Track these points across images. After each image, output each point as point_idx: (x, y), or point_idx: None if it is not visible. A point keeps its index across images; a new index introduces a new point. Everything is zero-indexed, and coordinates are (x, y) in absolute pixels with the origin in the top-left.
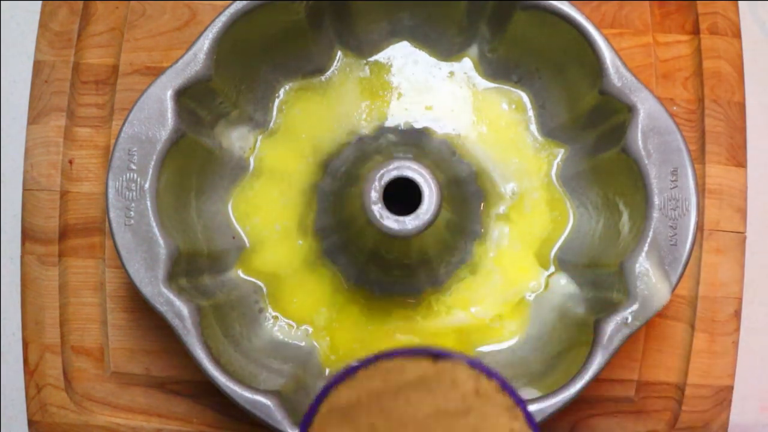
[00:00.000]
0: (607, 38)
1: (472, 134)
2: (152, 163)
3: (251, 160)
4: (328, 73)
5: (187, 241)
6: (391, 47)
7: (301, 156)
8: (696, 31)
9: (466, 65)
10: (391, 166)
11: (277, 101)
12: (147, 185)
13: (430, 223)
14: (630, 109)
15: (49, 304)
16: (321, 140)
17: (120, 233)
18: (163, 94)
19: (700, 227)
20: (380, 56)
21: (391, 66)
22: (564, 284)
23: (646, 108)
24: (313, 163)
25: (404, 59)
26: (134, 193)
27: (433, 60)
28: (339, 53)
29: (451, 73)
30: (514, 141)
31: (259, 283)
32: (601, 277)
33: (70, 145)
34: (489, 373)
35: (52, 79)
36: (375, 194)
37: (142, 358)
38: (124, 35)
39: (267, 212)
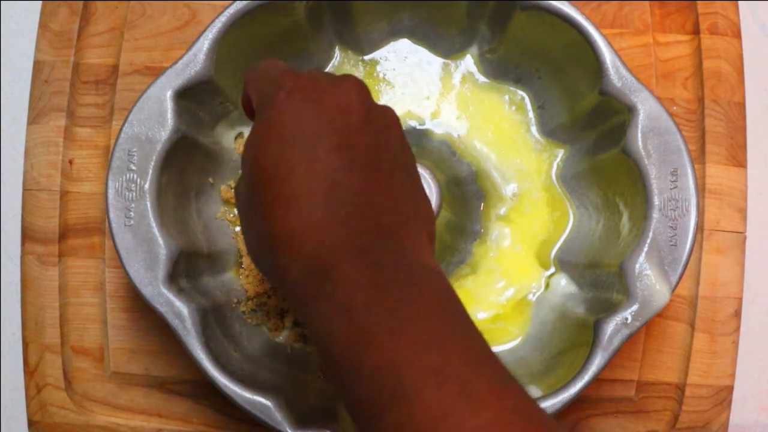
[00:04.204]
0: (607, 38)
1: (471, 134)
2: (152, 163)
3: None
4: (327, 71)
5: (187, 241)
6: (391, 45)
7: None
8: (696, 31)
9: (466, 65)
10: None
11: None
12: (147, 185)
13: None
14: (630, 110)
15: (49, 304)
16: None
17: (120, 233)
18: (162, 95)
19: (700, 227)
20: (380, 55)
21: (391, 65)
22: (564, 285)
23: (646, 108)
24: None
25: (404, 58)
26: (134, 194)
27: (433, 59)
28: (338, 52)
29: (451, 73)
30: (514, 141)
31: None
32: (601, 278)
33: (70, 145)
34: None
35: (52, 79)
36: None
37: (142, 358)
38: (124, 35)
39: None
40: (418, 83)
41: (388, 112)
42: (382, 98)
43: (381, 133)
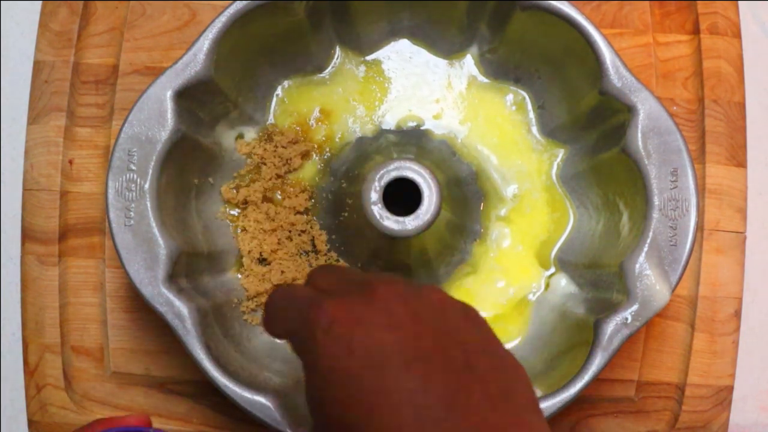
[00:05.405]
0: (607, 38)
1: (472, 134)
2: (152, 163)
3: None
4: (327, 71)
5: (187, 241)
6: (392, 45)
7: None
8: (696, 31)
9: (466, 65)
10: (391, 167)
11: (275, 99)
12: (147, 185)
13: (430, 224)
14: (630, 110)
15: (49, 304)
16: None
17: (120, 233)
18: (162, 95)
19: (700, 227)
20: (380, 55)
21: (391, 65)
22: (564, 285)
23: (646, 108)
24: None
25: (404, 58)
26: (134, 194)
27: (433, 59)
28: (339, 52)
29: (452, 73)
30: (514, 141)
31: None
32: (601, 278)
33: (70, 145)
34: None
35: (52, 79)
36: (375, 194)
37: (142, 358)
38: (124, 35)
39: None
40: (418, 83)
41: (433, 295)
42: (390, 96)
43: (437, 322)
